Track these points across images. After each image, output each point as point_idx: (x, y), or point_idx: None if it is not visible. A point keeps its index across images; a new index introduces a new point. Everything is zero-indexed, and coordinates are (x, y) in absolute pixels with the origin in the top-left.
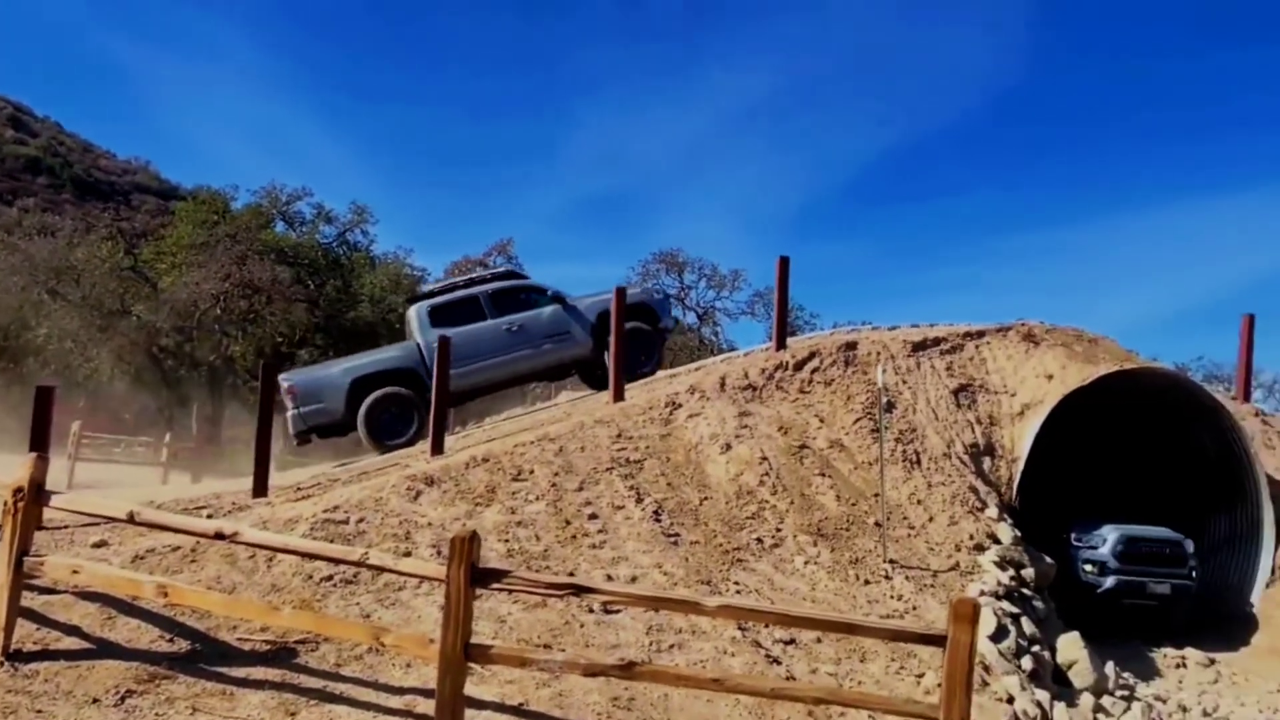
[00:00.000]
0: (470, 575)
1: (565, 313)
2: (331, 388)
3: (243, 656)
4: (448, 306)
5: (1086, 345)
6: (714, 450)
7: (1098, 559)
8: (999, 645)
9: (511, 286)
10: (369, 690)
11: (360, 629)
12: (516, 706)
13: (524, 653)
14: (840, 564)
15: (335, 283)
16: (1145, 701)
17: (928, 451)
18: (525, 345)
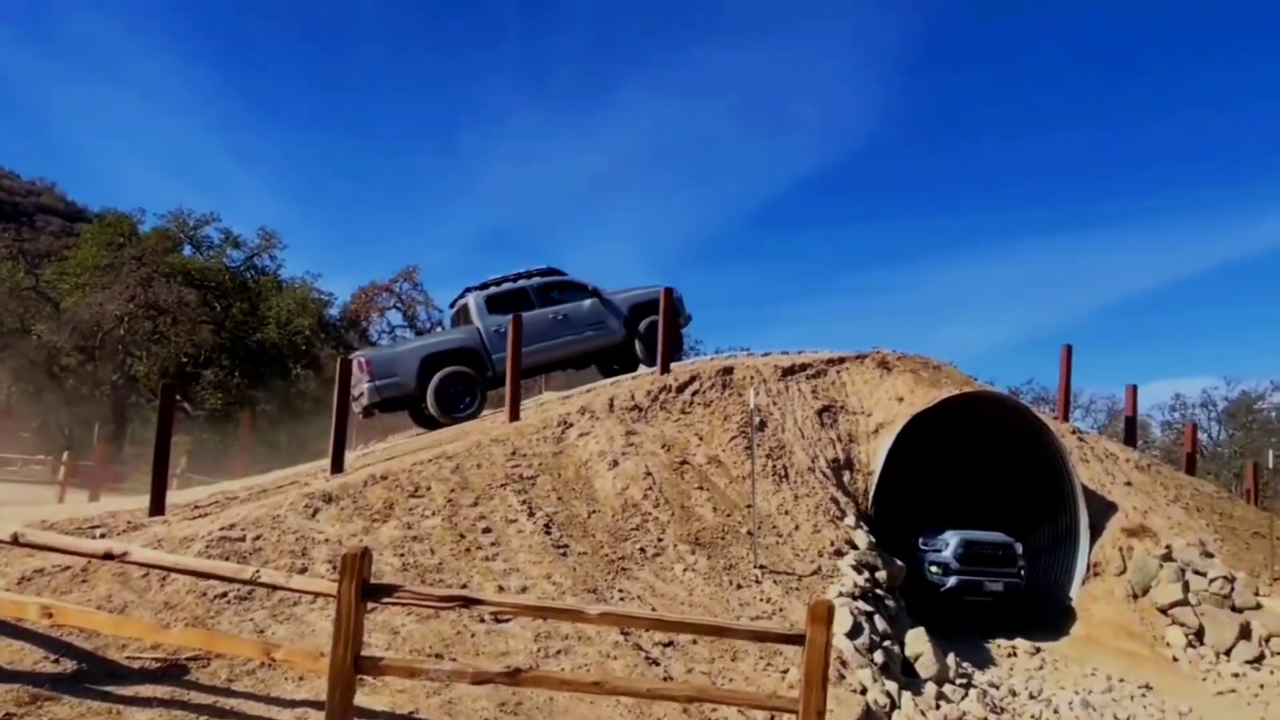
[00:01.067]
0: (361, 591)
1: (602, 305)
2: (405, 364)
3: (132, 675)
4: (501, 297)
5: (931, 371)
6: (602, 466)
7: (941, 561)
8: (854, 641)
9: (554, 281)
10: (261, 704)
11: (251, 645)
12: (408, 715)
13: (414, 664)
14: (716, 570)
15: (242, 305)
16: (981, 688)
17: (795, 466)
18: (568, 333)
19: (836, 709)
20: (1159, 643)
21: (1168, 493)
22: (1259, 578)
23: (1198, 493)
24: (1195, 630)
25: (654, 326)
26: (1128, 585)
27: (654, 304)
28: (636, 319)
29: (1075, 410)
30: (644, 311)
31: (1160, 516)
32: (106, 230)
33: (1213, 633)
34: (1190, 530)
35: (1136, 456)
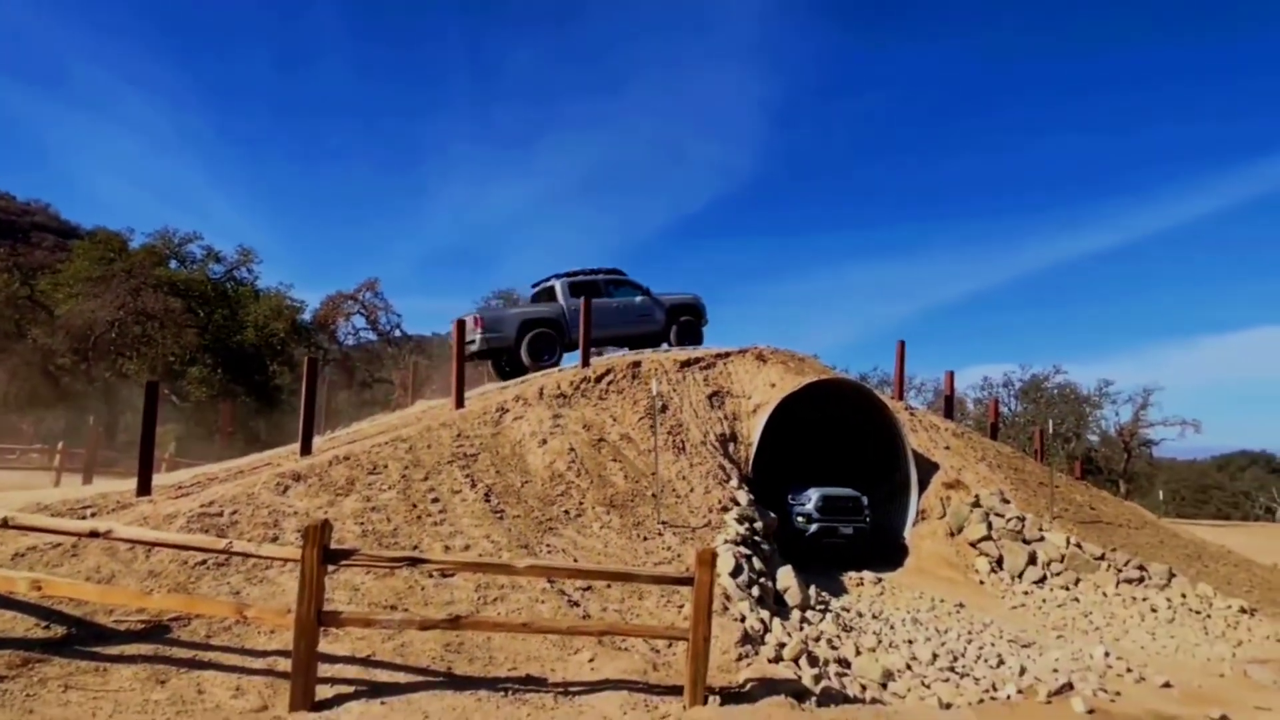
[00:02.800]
0: (322, 556)
1: (651, 302)
2: (508, 323)
3: (118, 636)
4: (579, 284)
5: (798, 362)
6: (534, 444)
7: (805, 512)
8: (736, 580)
9: (618, 279)
10: (236, 655)
11: (226, 605)
12: (365, 658)
13: (369, 615)
14: (627, 526)
15: (223, 311)
16: (835, 612)
17: (690, 440)
18: (625, 319)
19: (721, 634)
20: (970, 570)
21: (976, 454)
22: (1042, 517)
23: (999, 454)
24: (996, 559)
25: (686, 323)
26: (947, 526)
27: (687, 306)
28: (674, 316)
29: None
30: (680, 311)
31: (971, 473)
32: (98, 246)
33: (1009, 560)
34: (993, 482)
35: (954, 426)
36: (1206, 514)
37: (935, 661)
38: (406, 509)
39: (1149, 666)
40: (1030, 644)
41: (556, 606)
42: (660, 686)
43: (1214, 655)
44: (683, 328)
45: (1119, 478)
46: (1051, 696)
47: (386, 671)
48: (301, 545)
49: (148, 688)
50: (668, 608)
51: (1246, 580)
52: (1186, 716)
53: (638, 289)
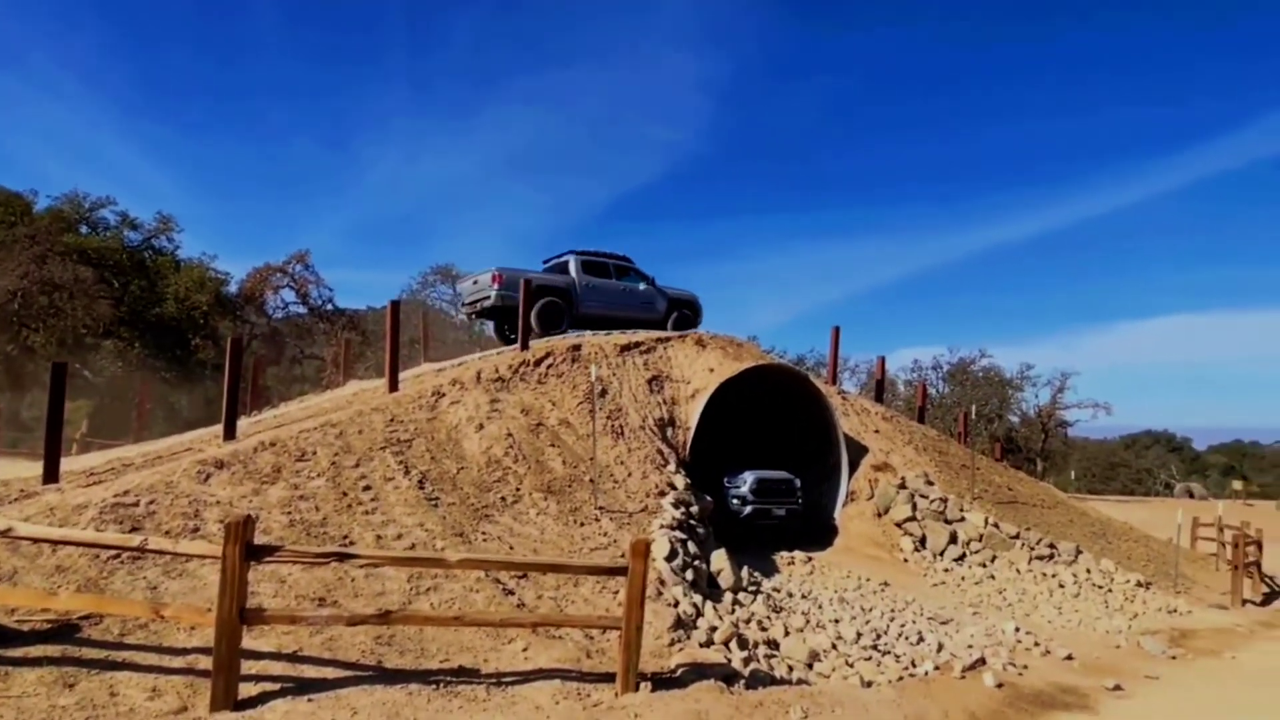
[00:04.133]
0: (244, 552)
1: (655, 291)
2: None
3: (21, 638)
4: (590, 263)
5: (736, 348)
6: (470, 429)
7: (740, 495)
8: (671, 564)
9: (627, 265)
10: (153, 654)
11: (140, 605)
12: (293, 653)
13: (295, 612)
14: (564, 512)
15: (140, 282)
16: (766, 592)
17: (629, 425)
18: (630, 302)
19: (654, 620)
20: (895, 549)
21: (904, 437)
22: (963, 498)
23: (925, 436)
24: (920, 539)
25: (683, 316)
26: (875, 507)
27: (686, 301)
28: (673, 308)
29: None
30: (679, 304)
31: (898, 455)
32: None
33: (932, 540)
34: (919, 465)
35: (883, 410)
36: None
37: (859, 640)
38: (337, 498)
39: (1055, 640)
40: (948, 621)
41: (491, 596)
42: (593, 674)
43: (1112, 628)
44: (680, 320)
45: (1036, 456)
46: (966, 672)
47: (314, 667)
48: (223, 542)
49: (55, 692)
50: (603, 594)
51: (1144, 555)
52: (1085, 687)
53: (643, 277)
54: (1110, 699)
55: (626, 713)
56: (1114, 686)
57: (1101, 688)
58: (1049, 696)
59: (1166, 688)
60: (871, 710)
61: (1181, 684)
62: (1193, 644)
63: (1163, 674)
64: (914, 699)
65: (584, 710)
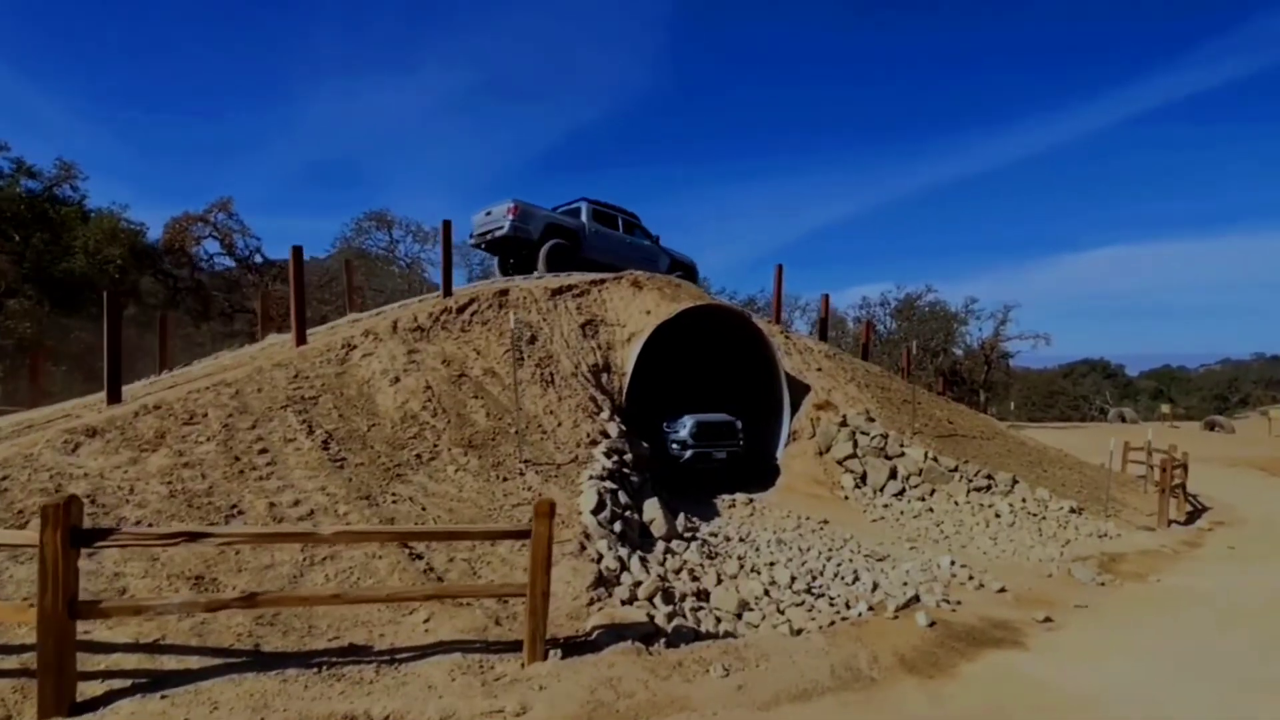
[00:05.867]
0: (69, 539)
1: (659, 250)
2: (537, 221)
3: None
4: (600, 212)
5: (674, 289)
6: (384, 383)
7: (680, 439)
8: (598, 516)
9: (634, 221)
10: None
11: None
12: (153, 643)
13: (137, 603)
14: (485, 468)
15: (43, 235)
16: (703, 539)
17: (560, 372)
18: (634, 255)
19: (572, 579)
20: (836, 487)
21: (846, 375)
22: (904, 433)
23: (868, 373)
24: (861, 475)
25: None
26: (816, 445)
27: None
28: (674, 269)
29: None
30: (680, 266)
31: (840, 393)
32: None
33: (872, 476)
34: (861, 402)
35: (826, 348)
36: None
37: (793, 584)
38: (227, 463)
39: (988, 573)
40: (885, 558)
41: (395, 563)
42: (501, 643)
43: (1045, 556)
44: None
45: (979, 388)
46: (899, 611)
47: (177, 657)
48: (40, 528)
49: None
50: (522, 552)
51: (1078, 481)
52: (1016, 620)
53: (648, 235)
54: (1040, 632)
55: (530, 685)
56: (1044, 619)
57: (1032, 620)
58: (980, 633)
59: (1094, 616)
60: (798, 661)
61: (1108, 612)
62: (1121, 568)
63: (1091, 602)
64: (844, 645)
65: (482, 686)
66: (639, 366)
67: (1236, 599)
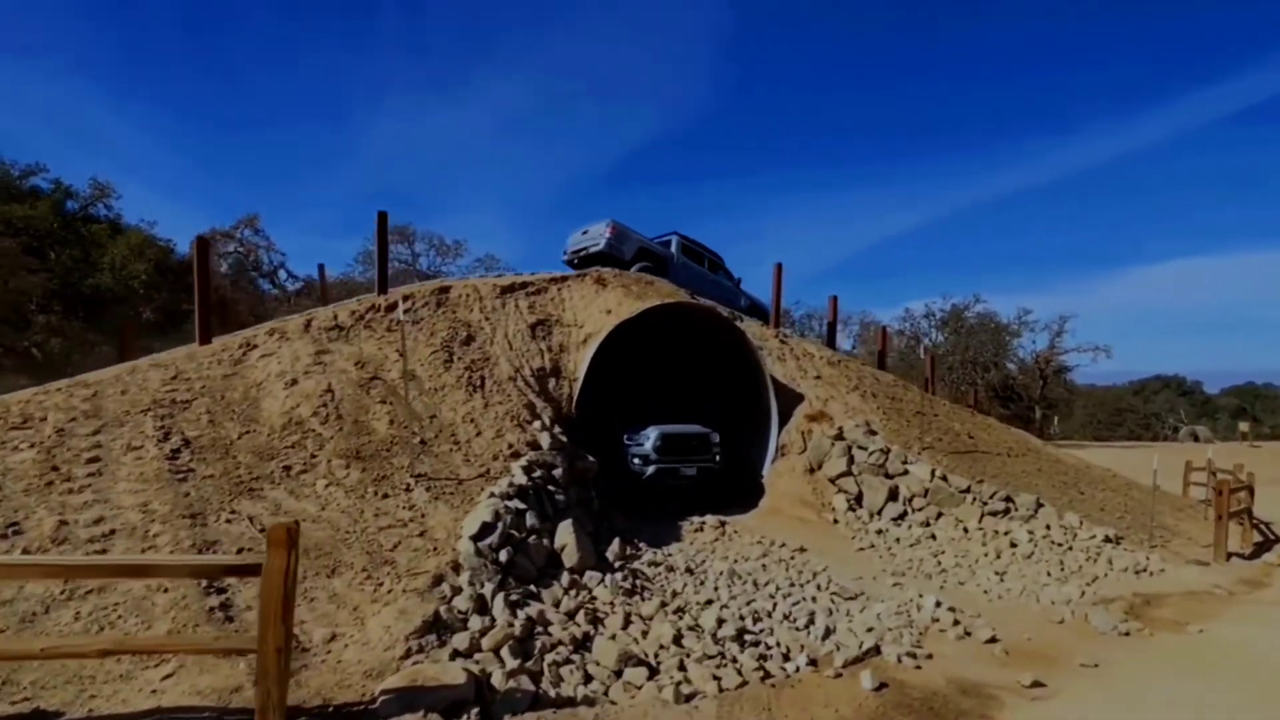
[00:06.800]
0: None
1: (738, 289)
2: (630, 243)
3: None
4: (688, 247)
5: (643, 286)
6: (278, 386)
7: (643, 453)
8: (481, 542)
9: (719, 262)
10: None
11: None
12: None
13: None
14: (366, 482)
15: (72, 252)
16: (634, 570)
17: (495, 377)
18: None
19: (394, 624)
20: (826, 508)
21: (850, 383)
22: (910, 448)
23: (877, 382)
24: (856, 496)
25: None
26: (806, 462)
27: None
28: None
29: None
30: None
31: (839, 403)
32: None
33: (869, 497)
34: (862, 413)
35: (830, 354)
36: (1120, 436)
37: (719, 630)
38: (39, 473)
39: (982, 617)
40: (857, 596)
41: (180, 597)
42: (245, 712)
43: (1060, 597)
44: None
45: (1035, 404)
46: (846, 666)
47: None
48: None
49: None
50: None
51: (1121, 505)
52: (995, 683)
53: (730, 276)
54: (1022, 702)
55: None
56: (1032, 683)
57: (1016, 684)
58: (940, 702)
59: (1102, 680)
60: None
61: (1123, 673)
62: (1155, 614)
63: (1106, 658)
64: (742, 718)
65: None
66: (598, 372)
67: None
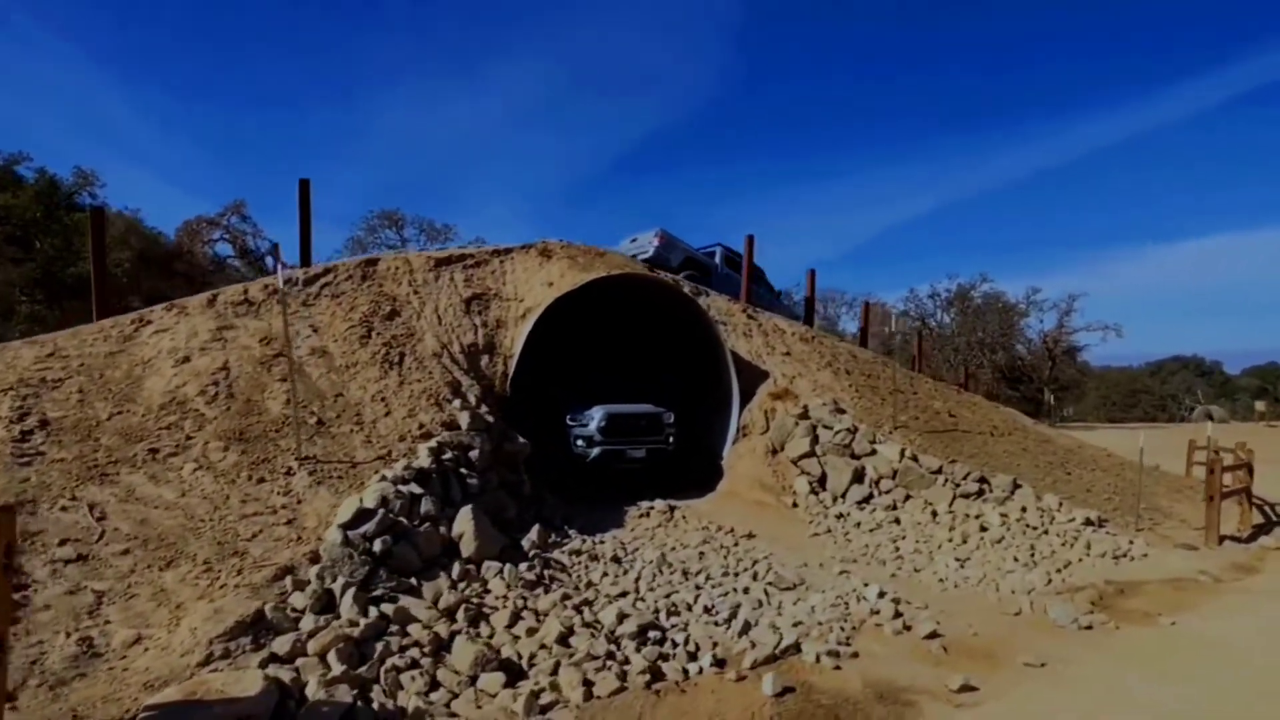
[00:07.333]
0: None
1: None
2: (678, 252)
3: None
4: (730, 258)
5: (592, 257)
6: (167, 364)
7: (587, 434)
8: (355, 530)
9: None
10: None
11: None
12: None
13: None
14: (242, 466)
15: (53, 241)
16: (548, 559)
17: (417, 353)
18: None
19: (204, 625)
20: (787, 491)
21: (822, 360)
22: (881, 427)
23: (854, 359)
24: (819, 477)
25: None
26: (768, 443)
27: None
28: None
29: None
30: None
31: (807, 381)
32: None
33: (833, 478)
34: (832, 391)
35: (803, 330)
36: (1134, 418)
37: (621, 625)
38: None
39: (930, 607)
40: (794, 586)
41: None
42: None
43: (1023, 585)
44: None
45: (1045, 385)
46: (757, 666)
47: None
48: None
49: None
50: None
51: (1111, 486)
52: (920, 686)
53: (771, 288)
54: (946, 709)
55: None
56: (960, 686)
57: (945, 688)
58: (849, 710)
59: (1045, 683)
60: None
61: (1071, 674)
62: (1126, 604)
63: (1056, 656)
64: None
65: None
66: (540, 349)
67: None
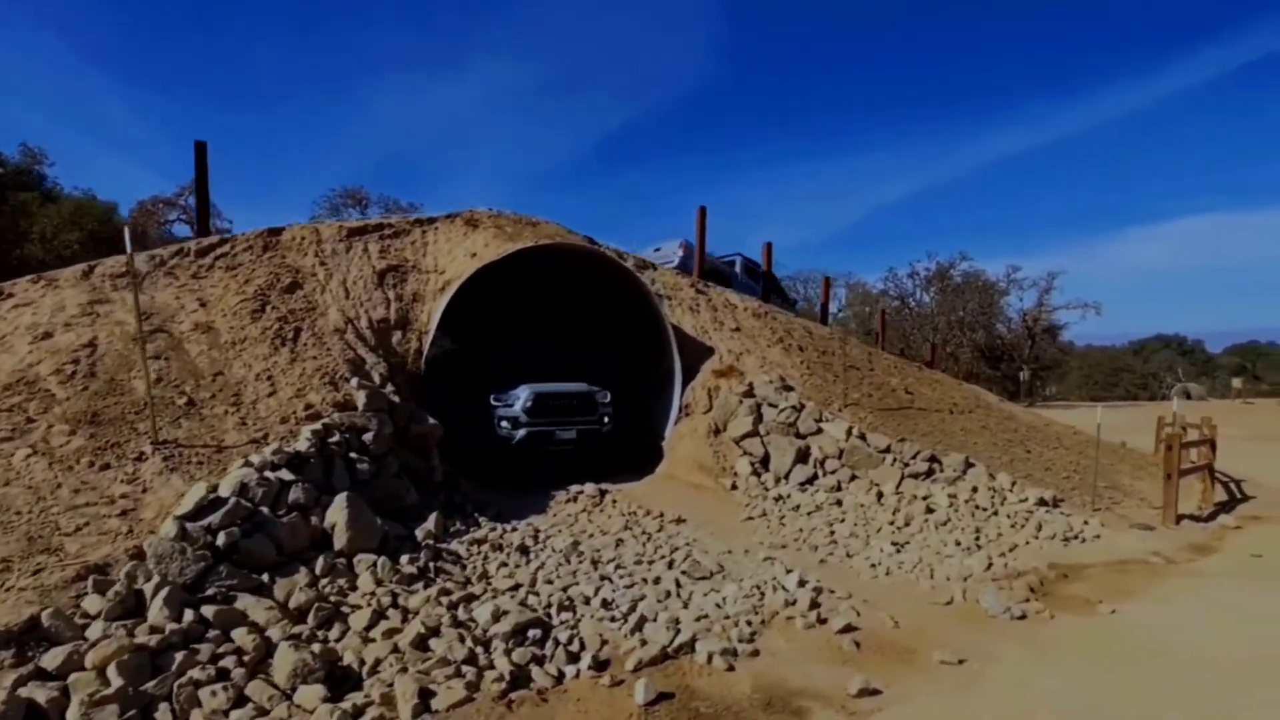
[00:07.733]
0: None
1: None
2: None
3: None
4: (749, 267)
5: (522, 226)
6: (23, 341)
7: (512, 415)
8: (194, 523)
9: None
10: None
11: None
12: None
13: None
14: (85, 452)
15: None
16: (446, 547)
17: (316, 329)
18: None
19: None
20: (728, 473)
21: (772, 336)
22: (830, 405)
23: (808, 335)
24: (761, 458)
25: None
26: (711, 422)
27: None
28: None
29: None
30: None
31: (755, 357)
32: None
33: (775, 459)
34: (781, 367)
35: (755, 306)
36: (1116, 396)
37: (496, 624)
38: None
39: (854, 597)
40: (711, 575)
41: None
42: None
43: (959, 571)
44: None
45: (1025, 364)
46: (643, 667)
47: None
48: None
49: None
50: None
51: (1071, 465)
52: (814, 689)
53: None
54: (839, 718)
55: None
56: (860, 690)
57: (843, 691)
58: (729, 718)
59: (953, 685)
60: None
61: (988, 673)
62: (1067, 590)
63: (978, 652)
64: None
65: None
66: (462, 324)
67: (1221, 648)
